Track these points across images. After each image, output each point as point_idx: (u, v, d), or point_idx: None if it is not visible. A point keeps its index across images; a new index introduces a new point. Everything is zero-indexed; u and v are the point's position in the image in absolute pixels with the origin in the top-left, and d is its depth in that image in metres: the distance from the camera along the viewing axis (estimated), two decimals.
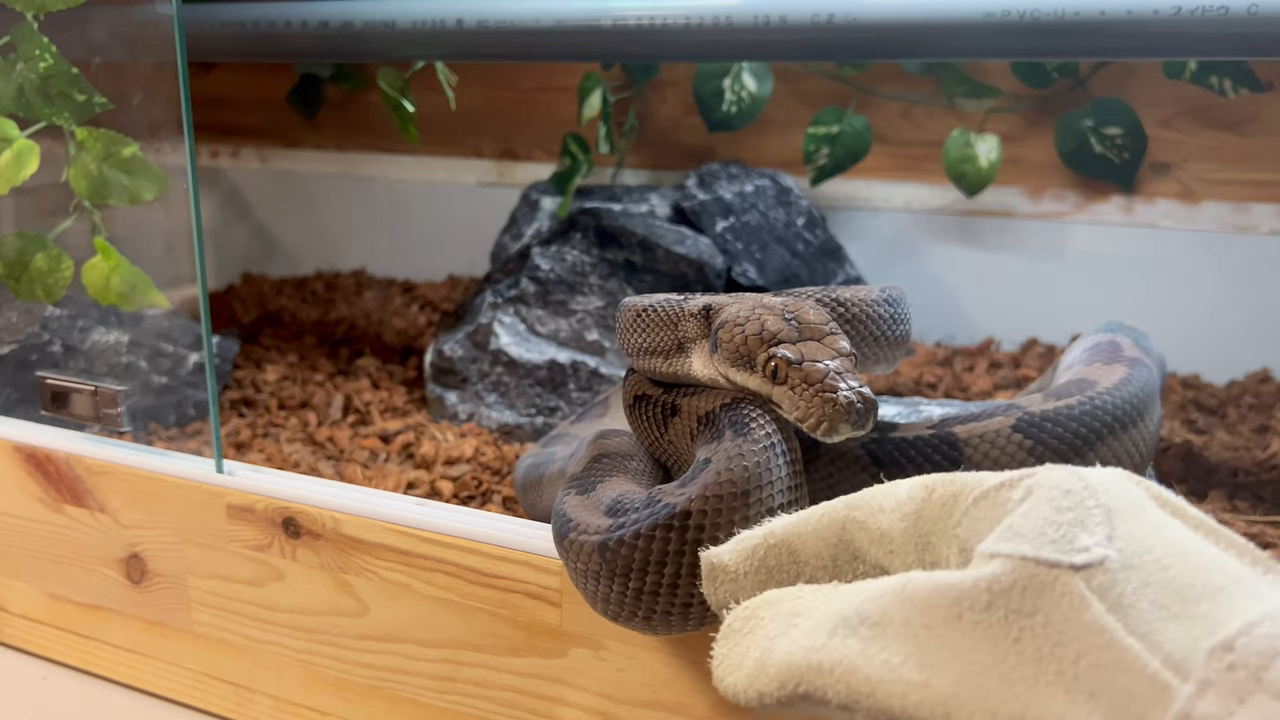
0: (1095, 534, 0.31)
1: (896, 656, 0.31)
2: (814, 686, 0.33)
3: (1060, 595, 0.29)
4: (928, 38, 0.74)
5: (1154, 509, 0.33)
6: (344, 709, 0.62)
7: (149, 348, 0.91)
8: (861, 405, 0.43)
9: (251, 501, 0.62)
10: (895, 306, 0.58)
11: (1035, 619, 0.29)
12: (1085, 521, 0.31)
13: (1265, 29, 0.65)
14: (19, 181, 0.75)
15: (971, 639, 0.30)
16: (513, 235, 1.11)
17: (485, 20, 0.84)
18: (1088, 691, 0.28)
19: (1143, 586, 0.29)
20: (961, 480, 0.36)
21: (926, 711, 0.30)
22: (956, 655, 0.30)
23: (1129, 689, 0.27)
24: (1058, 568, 0.30)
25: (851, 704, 0.32)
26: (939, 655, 0.31)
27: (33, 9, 0.73)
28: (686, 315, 0.53)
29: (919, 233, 1.12)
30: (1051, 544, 0.30)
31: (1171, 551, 0.30)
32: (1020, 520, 0.32)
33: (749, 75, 1.10)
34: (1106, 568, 0.30)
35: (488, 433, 0.91)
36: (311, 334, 1.17)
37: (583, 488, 0.50)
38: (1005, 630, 0.30)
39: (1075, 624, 0.29)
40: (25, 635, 0.74)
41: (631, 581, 0.45)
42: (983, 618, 0.30)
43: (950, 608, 0.31)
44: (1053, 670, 0.29)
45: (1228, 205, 1.01)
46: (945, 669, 0.30)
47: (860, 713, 0.32)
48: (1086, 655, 0.28)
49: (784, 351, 0.46)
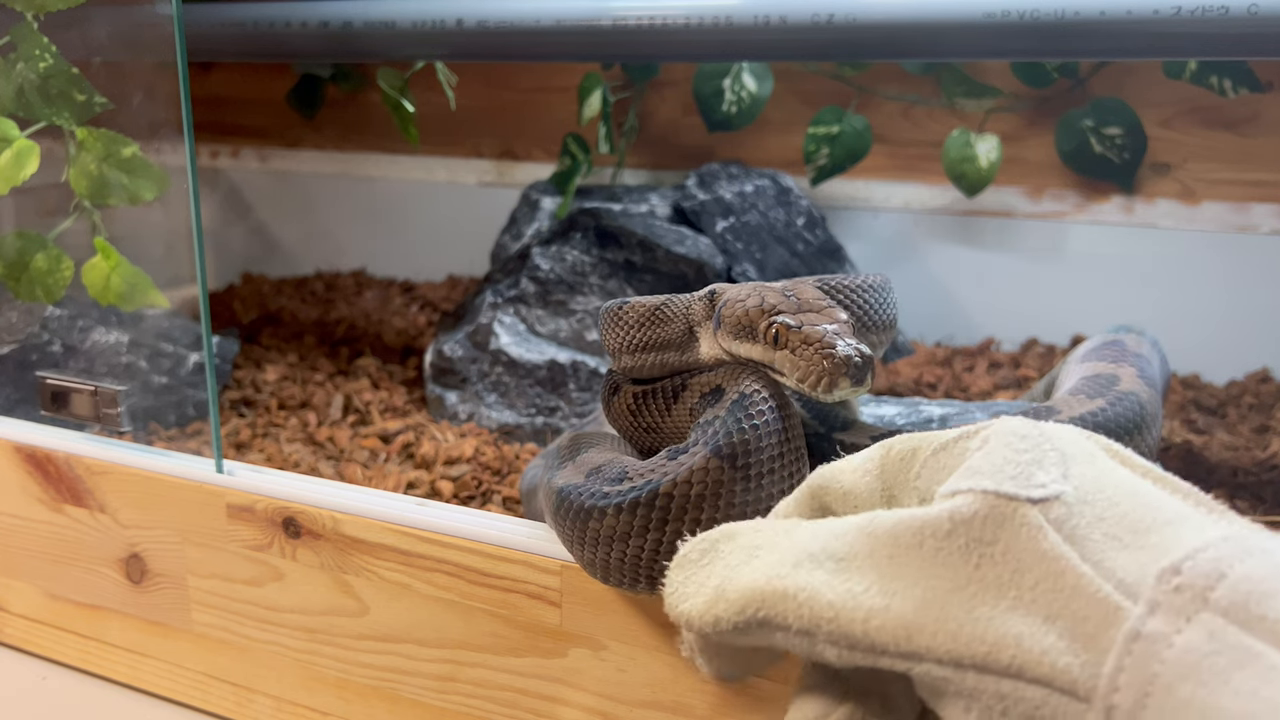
0: (1051, 472, 0.32)
1: (860, 585, 0.32)
2: (775, 611, 0.33)
3: (1019, 525, 0.31)
4: (928, 38, 0.74)
5: (1105, 458, 0.34)
6: (344, 709, 0.62)
7: (149, 348, 0.91)
8: (860, 360, 0.44)
9: (251, 501, 0.62)
10: (881, 292, 0.59)
11: (995, 547, 0.31)
12: (1041, 461, 0.32)
13: (1265, 29, 0.65)
14: (19, 181, 0.75)
15: (933, 566, 0.31)
16: (513, 235, 1.11)
17: (485, 20, 0.84)
18: (1045, 615, 0.29)
19: (1096, 520, 0.31)
20: (919, 437, 0.37)
21: (888, 634, 0.31)
22: (918, 582, 0.31)
23: (1083, 611, 0.29)
24: (1016, 500, 0.31)
25: (812, 629, 0.33)
26: (901, 582, 0.32)
27: (33, 9, 0.73)
28: (695, 301, 0.55)
29: (919, 233, 1.12)
30: (1010, 480, 0.32)
31: (1123, 491, 0.32)
32: (979, 460, 0.33)
33: (749, 75, 1.10)
34: (1063, 501, 0.31)
35: (488, 433, 0.91)
36: (311, 334, 1.17)
37: (570, 460, 0.52)
38: (965, 557, 0.31)
39: (1033, 552, 0.30)
40: (25, 635, 0.74)
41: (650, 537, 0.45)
42: (944, 545, 0.31)
43: (913, 537, 0.32)
44: (1011, 595, 0.30)
45: (1228, 205, 1.01)
46: (907, 594, 0.31)
47: (819, 637, 0.33)
48: (1044, 581, 0.30)
49: (784, 318, 0.47)
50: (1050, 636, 0.29)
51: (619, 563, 0.47)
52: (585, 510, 0.47)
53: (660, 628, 0.52)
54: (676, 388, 0.54)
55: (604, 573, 0.48)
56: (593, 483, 0.48)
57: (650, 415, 0.55)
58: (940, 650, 0.30)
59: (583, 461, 0.52)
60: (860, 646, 0.32)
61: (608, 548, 0.47)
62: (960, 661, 0.30)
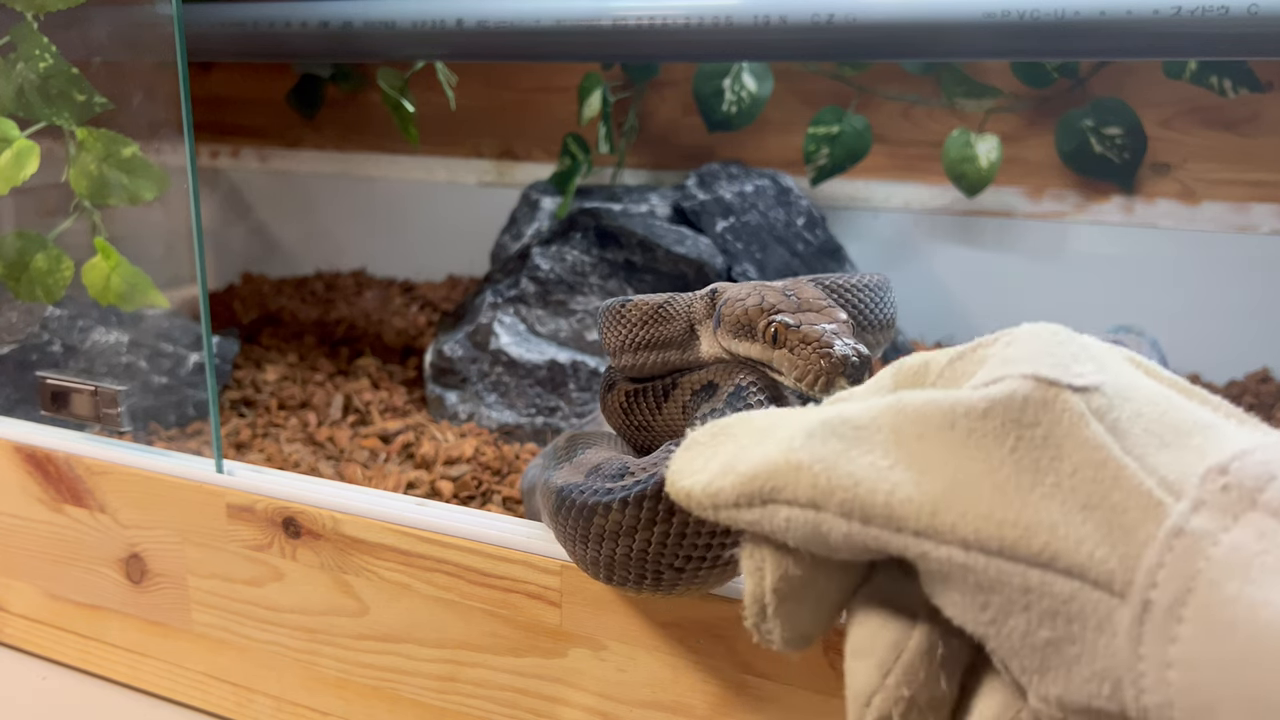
0: (1088, 366, 0.31)
1: (884, 460, 0.30)
2: (785, 482, 0.31)
3: (1060, 411, 0.29)
4: (928, 38, 0.74)
5: (1130, 367, 0.33)
6: (344, 709, 0.62)
7: (149, 348, 0.91)
8: (857, 359, 0.44)
9: (251, 501, 0.62)
10: (880, 292, 0.60)
11: (1035, 430, 0.29)
12: (1078, 356, 0.31)
13: (1265, 29, 0.65)
14: (19, 181, 0.75)
15: (966, 447, 0.29)
16: (513, 235, 1.11)
17: (485, 20, 0.84)
18: (1082, 504, 0.28)
19: (1136, 416, 0.29)
20: (934, 353, 0.35)
21: (913, 509, 0.29)
22: (948, 461, 0.29)
23: (1123, 504, 0.27)
24: (1058, 385, 0.29)
25: (823, 501, 0.30)
26: (929, 461, 0.30)
27: (33, 9, 0.73)
28: (697, 299, 0.55)
29: (919, 233, 1.12)
30: (1050, 367, 0.30)
31: (1158, 395, 0.31)
32: (1013, 352, 0.31)
33: (749, 75, 1.10)
34: (1103, 392, 0.30)
35: (488, 433, 0.91)
36: (311, 334, 1.17)
37: (567, 460, 0.52)
38: (1001, 440, 0.29)
39: (1074, 439, 0.29)
40: (25, 635, 0.74)
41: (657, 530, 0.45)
42: (979, 425, 0.30)
43: (944, 416, 0.30)
44: (1049, 481, 0.28)
45: (1228, 205, 1.01)
46: (936, 473, 0.29)
47: (830, 509, 0.30)
48: (1083, 469, 0.28)
49: (783, 317, 0.47)
50: (1087, 526, 0.27)
51: (624, 559, 0.46)
52: (589, 507, 0.47)
53: (660, 627, 0.52)
54: (667, 386, 0.55)
55: (607, 571, 0.48)
56: (594, 480, 0.48)
57: (641, 414, 0.56)
58: (967, 530, 0.28)
59: (581, 461, 0.52)
60: (877, 521, 0.29)
61: (613, 543, 0.46)
62: (987, 545, 0.28)
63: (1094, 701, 0.27)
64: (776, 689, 0.50)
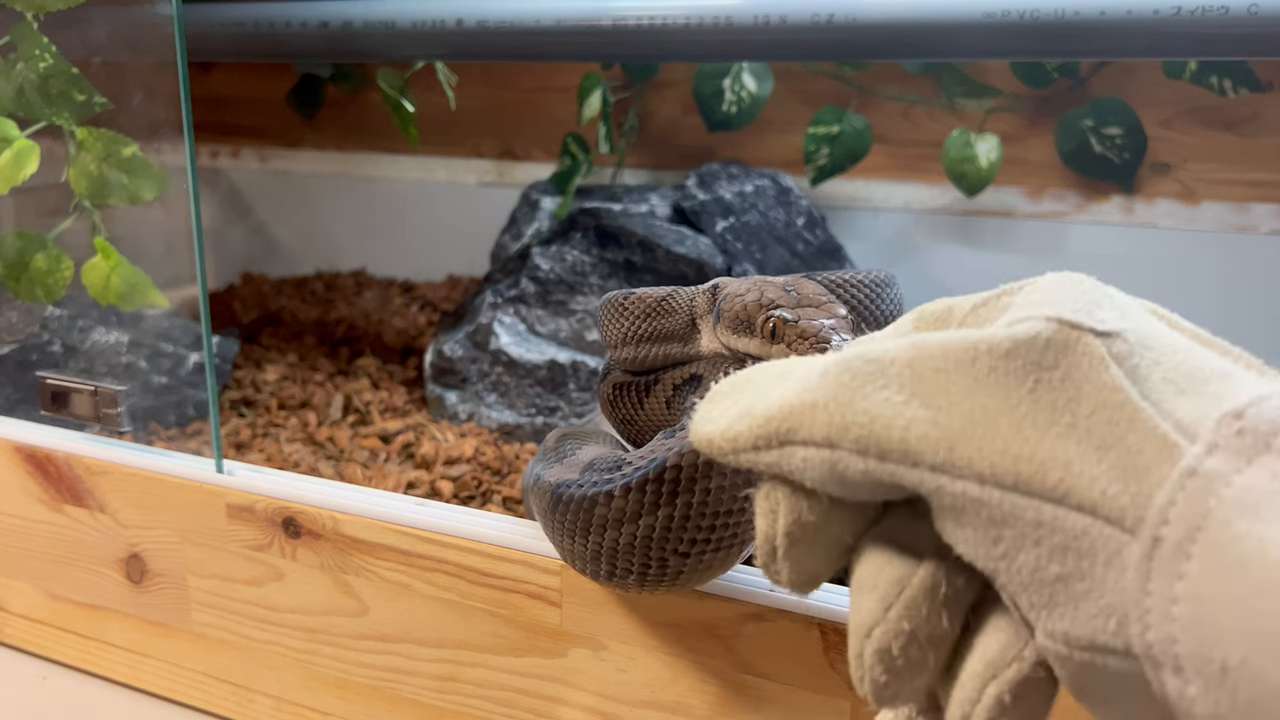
0: (1110, 313, 0.31)
1: (899, 395, 0.30)
2: (800, 422, 0.31)
3: (1081, 354, 0.29)
4: (928, 38, 0.74)
5: (1152, 318, 0.33)
6: (344, 709, 0.62)
7: (149, 348, 0.91)
8: None
9: (251, 501, 0.62)
10: (885, 288, 0.60)
11: (1055, 373, 0.29)
12: (1101, 303, 0.31)
13: (1265, 29, 0.65)
14: (19, 181, 0.75)
15: (985, 384, 0.30)
16: (513, 235, 1.11)
17: (485, 20, 0.84)
18: (1097, 444, 0.28)
19: (1154, 364, 0.30)
20: (954, 299, 0.35)
21: (930, 444, 0.29)
22: (966, 398, 0.30)
23: (1138, 445, 0.28)
24: (1080, 329, 0.30)
25: (838, 438, 0.30)
26: (947, 398, 0.30)
27: (33, 9, 0.73)
28: (699, 294, 0.55)
29: (919, 233, 1.12)
30: (1074, 311, 0.30)
31: (1178, 344, 0.31)
32: (1038, 296, 0.32)
33: (749, 75, 1.10)
34: (1124, 339, 0.30)
35: (488, 433, 0.91)
36: (311, 334, 1.17)
37: (558, 461, 0.52)
38: (1021, 379, 0.29)
39: (1093, 381, 0.29)
40: (25, 635, 0.74)
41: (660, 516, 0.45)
42: (999, 364, 0.30)
43: (965, 353, 0.30)
44: (1065, 421, 0.29)
45: (1228, 205, 1.01)
46: (953, 410, 0.29)
47: (845, 445, 0.30)
48: (1100, 411, 0.28)
49: (781, 312, 0.47)
50: (1101, 465, 0.28)
51: (627, 548, 0.46)
52: (588, 498, 0.47)
53: (660, 627, 0.52)
54: (649, 382, 0.55)
55: (609, 563, 0.47)
56: (590, 475, 0.48)
57: (626, 407, 0.57)
58: (983, 464, 0.29)
59: (574, 461, 0.52)
60: (892, 456, 0.29)
61: (616, 531, 0.46)
62: (1003, 480, 0.28)
63: (1099, 637, 0.27)
64: (776, 689, 0.50)
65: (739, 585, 0.50)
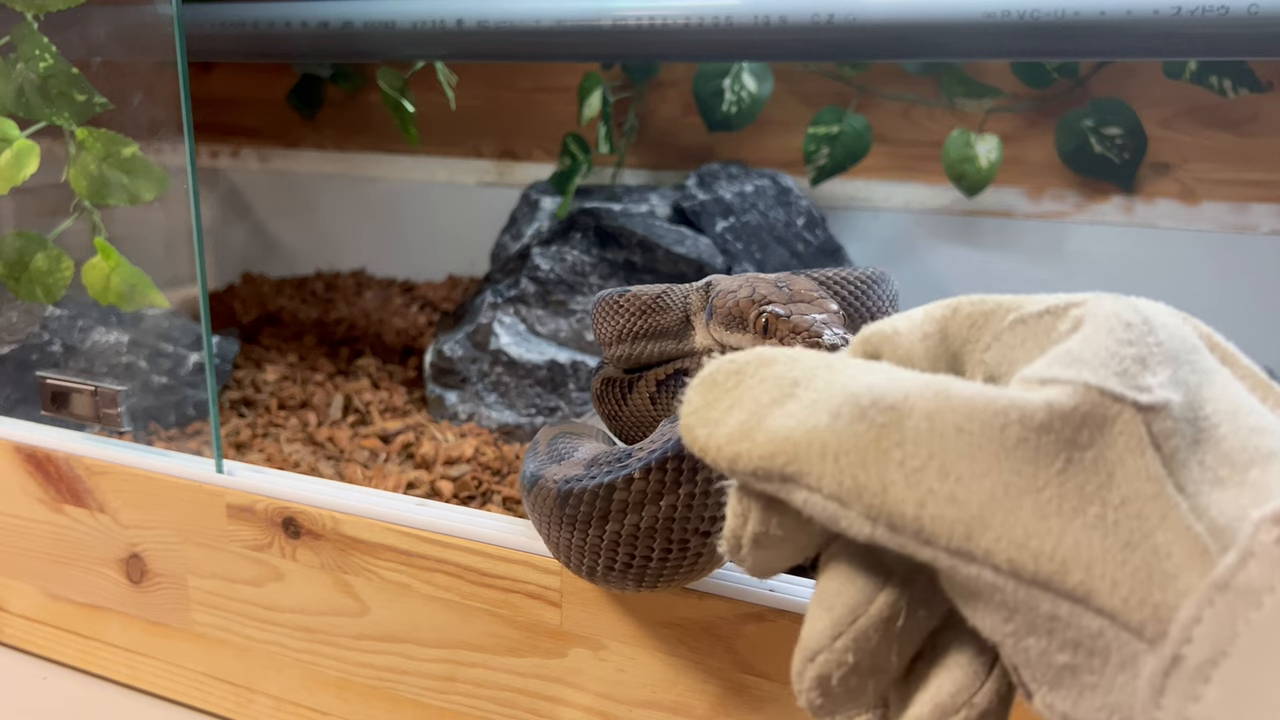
0: (1159, 375, 0.28)
1: (917, 459, 0.27)
2: (806, 469, 0.28)
3: (1119, 433, 0.27)
4: (928, 38, 0.74)
5: (1206, 354, 0.30)
6: (344, 709, 0.62)
7: (149, 348, 0.91)
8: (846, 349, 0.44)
9: (251, 501, 0.62)
10: (879, 285, 0.60)
11: (1087, 452, 0.27)
12: (1147, 360, 0.28)
13: (1265, 29, 0.65)
14: (19, 181, 0.75)
15: (1013, 457, 0.27)
16: (513, 235, 1.11)
17: (485, 20, 0.84)
18: (1124, 541, 0.26)
19: (1194, 444, 0.27)
20: (994, 300, 0.32)
21: (945, 527, 0.27)
22: (990, 471, 0.27)
23: (1167, 547, 0.26)
24: (1122, 402, 0.27)
25: (848, 499, 0.28)
26: (970, 467, 0.27)
27: (33, 9, 0.73)
28: (693, 291, 0.56)
29: (919, 233, 1.12)
30: (1116, 376, 0.27)
31: (1222, 409, 0.28)
32: (1078, 346, 0.28)
33: (749, 75, 1.10)
34: (1169, 413, 0.27)
35: (488, 433, 0.91)
36: (311, 334, 1.17)
37: (554, 461, 0.52)
38: (1052, 457, 0.27)
39: (1127, 467, 0.26)
40: (25, 635, 0.74)
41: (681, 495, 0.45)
42: (1030, 436, 0.27)
43: (995, 418, 0.27)
44: (1094, 511, 0.26)
45: (1228, 205, 1.01)
46: (975, 484, 0.27)
47: (855, 509, 0.28)
48: (1131, 503, 0.26)
49: (774, 308, 0.47)
50: (1126, 568, 0.26)
51: (649, 532, 0.45)
52: (606, 485, 0.46)
53: (660, 627, 0.52)
54: (634, 378, 0.56)
55: (628, 549, 0.46)
56: (598, 468, 0.48)
57: (609, 404, 0.57)
58: (1000, 558, 0.26)
59: (575, 461, 0.51)
60: (905, 531, 0.27)
61: (636, 515, 0.45)
62: (1021, 574, 0.26)
63: None
64: (776, 689, 0.50)
65: (739, 585, 0.50)
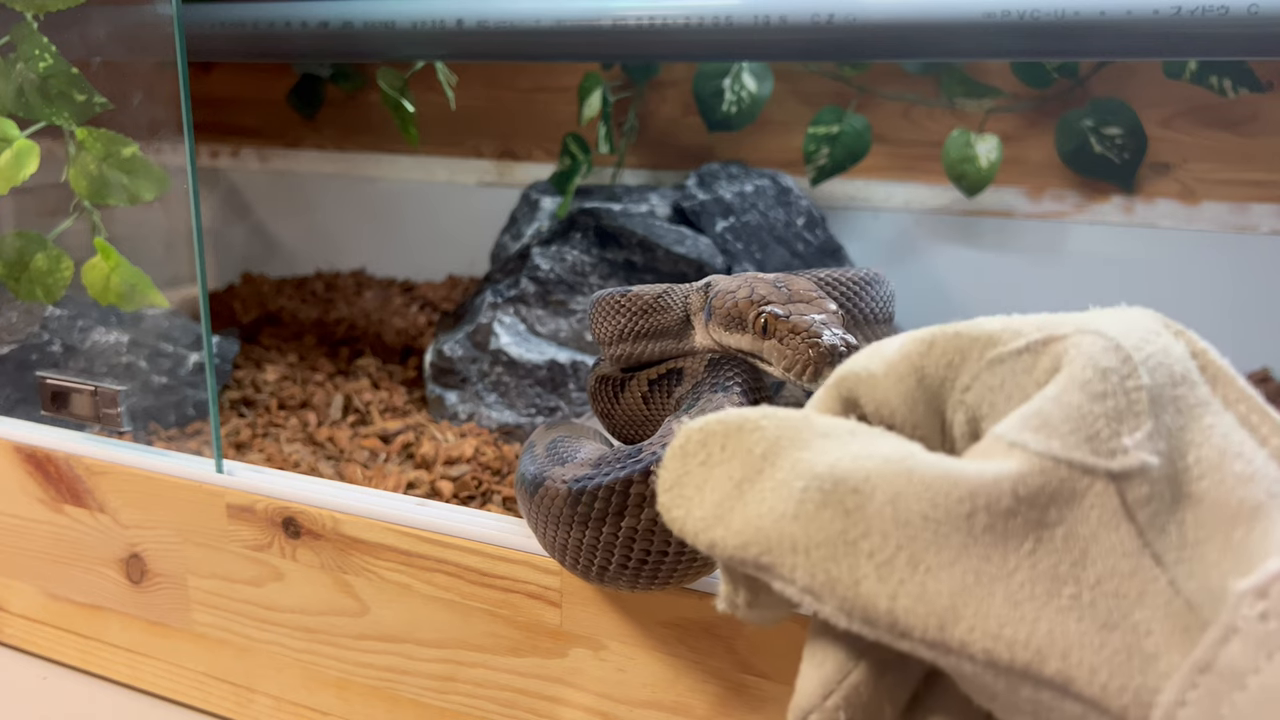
0: (1137, 431, 0.27)
1: (885, 550, 0.27)
2: (779, 561, 0.28)
3: (1090, 506, 0.26)
4: (928, 38, 0.74)
5: (1196, 381, 0.29)
6: (344, 709, 0.62)
7: (149, 348, 0.91)
8: (845, 349, 0.44)
9: (251, 501, 0.62)
10: (875, 286, 0.60)
11: (1057, 530, 0.26)
12: (1124, 414, 0.27)
13: (1265, 29, 0.65)
14: (19, 181, 0.75)
15: (980, 544, 0.26)
16: (513, 235, 1.11)
17: (485, 20, 0.84)
18: (1102, 622, 0.25)
19: (1174, 504, 0.26)
20: (970, 334, 0.31)
21: (917, 619, 0.26)
22: (959, 559, 0.26)
23: (1147, 625, 0.25)
24: (1093, 474, 0.26)
25: (821, 593, 0.27)
26: (938, 556, 0.26)
27: (33, 9, 0.73)
28: (693, 291, 0.56)
29: (919, 233, 1.12)
30: (1088, 441, 0.26)
31: (1206, 457, 0.27)
32: (1050, 407, 0.27)
33: (749, 75, 1.10)
34: (1146, 475, 0.26)
35: (488, 433, 0.91)
36: (311, 334, 1.17)
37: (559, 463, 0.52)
38: (1020, 539, 0.26)
39: (1103, 542, 0.26)
40: (25, 635, 0.74)
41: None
42: (999, 523, 0.26)
43: (959, 504, 0.26)
44: (1067, 593, 0.25)
45: (1228, 205, 1.01)
46: (946, 574, 0.26)
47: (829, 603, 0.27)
48: (1109, 580, 0.25)
49: (772, 308, 0.48)
50: (1104, 652, 0.25)
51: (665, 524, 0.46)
52: (622, 480, 0.46)
53: (660, 627, 0.52)
54: (625, 378, 0.56)
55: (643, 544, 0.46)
56: (608, 466, 0.48)
57: (603, 401, 0.58)
58: (976, 648, 0.26)
59: (581, 462, 0.52)
60: (880, 625, 0.27)
61: (653, 508, 0.44)
62: (997, 664, 0.26)
63: None
64: (776, 689, 0.50)
65: None
